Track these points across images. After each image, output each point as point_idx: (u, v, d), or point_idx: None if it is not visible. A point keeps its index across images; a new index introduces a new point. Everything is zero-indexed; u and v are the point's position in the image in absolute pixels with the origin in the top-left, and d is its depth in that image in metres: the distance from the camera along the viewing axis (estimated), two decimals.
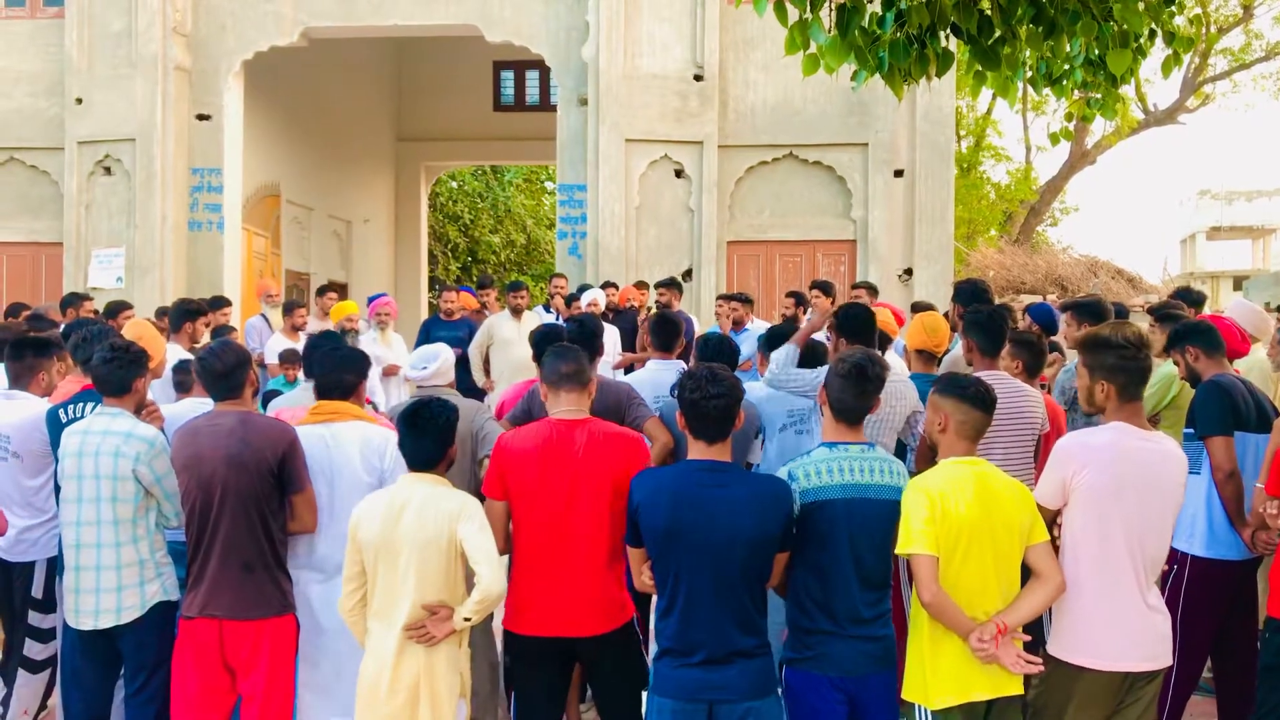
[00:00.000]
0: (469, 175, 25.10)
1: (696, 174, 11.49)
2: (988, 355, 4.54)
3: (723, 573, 3.12)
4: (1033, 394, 4.53)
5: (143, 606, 3.91)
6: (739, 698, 3.13)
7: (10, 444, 4.54)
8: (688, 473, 3.22)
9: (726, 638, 3.14)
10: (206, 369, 3.88)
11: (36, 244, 12.30)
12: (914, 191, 11.50)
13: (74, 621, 3.96)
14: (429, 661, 3.30)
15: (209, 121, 12.15)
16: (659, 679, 3.22)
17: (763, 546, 3.14)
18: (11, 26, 12.30)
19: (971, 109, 23.22)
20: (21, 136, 12.19)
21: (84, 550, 3.91)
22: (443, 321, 9.51)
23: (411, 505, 3.30)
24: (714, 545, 3.10)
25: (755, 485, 3.23)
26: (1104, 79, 4.49)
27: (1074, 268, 14.79)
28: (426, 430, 3.38)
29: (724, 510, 3.11)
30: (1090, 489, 3.17)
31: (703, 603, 3.13)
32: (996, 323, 4.56)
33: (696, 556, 3.11)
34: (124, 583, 3.89)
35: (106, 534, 3.88)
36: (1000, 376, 4.44)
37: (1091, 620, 3.17)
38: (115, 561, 3.89)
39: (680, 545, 3.11)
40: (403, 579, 3.30)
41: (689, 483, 3.17)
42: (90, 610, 3.90)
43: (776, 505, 3.15)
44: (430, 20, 12.02)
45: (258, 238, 13.79)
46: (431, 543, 3.28)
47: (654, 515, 3.16)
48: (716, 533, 3.10)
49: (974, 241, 21.32)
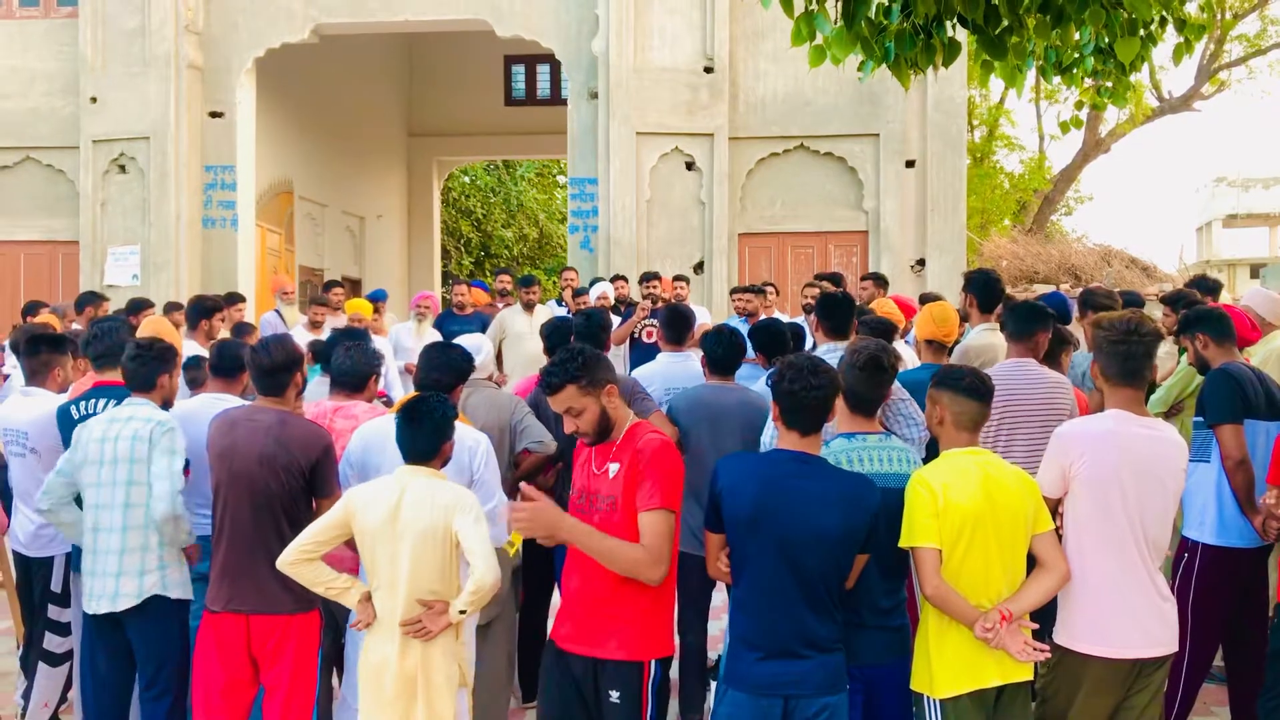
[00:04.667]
0: (481, 170, 25.15)
1: (707, 166, 11.49)
2: (1019, 341, 4.55)
3: (802, 566, 3.04)
4: (1061, 381, 4.53)
5: (138, 595, 3.94)
6: (814, 693, 3.06)
7: (28, 440, 4.61)
8: (778, 461, 3.14)
9: (803, 632, 3.06)
10: (256, 363, 3.93)
11: (53, 242, 12.41)
12: (926, 182, 11.47)
13: (85, 605, 4.03)
14: (426, 653, 3.32)
15: (222, 119, 12.22)
16: (732, 671, 3.16)
17: (845, 543, 3.07)
18: (26, 26, 12.40)
19: (984, 98, 23.11)
20: (37, 136, 12.30)
21: (99, 534, 3.98)
22: (456, 316, 9.55)
23: (408, 497, 3.32)
24: (796, 537, 3.02)
25: (843, 481, 3.13)
26: (1114, 67, 4.48)
27: (1087, 257, 14.71)
28: (422, 424, 3.39)
29: (810, 502, 3.04)
30: (1090, 477, 3.18)
31: (781, 595, 3.06)
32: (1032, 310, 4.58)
33: (778, 547, 3.03)
34: (124, 568, 3.94)
35: (117, 517, 3.94)
36: (1028, 364, 4.46)
37: (1098, 608, 3.18)
38: (120, 546, 3.95)
39: (762, 534, 3.04)
40: (399, 569, 3.31)
41: (778, 471, 3.10)
42: (94, 594, 3.98)
43: (862, 504, 3.07)
44: (441, 15, 12.06)
45: (271, 234, 13.86)
46: (426, 534, 3.28)
47: (738, 501, 3.08)
48: (800, 525, 3.02)
49: (987, 231, 21.23)
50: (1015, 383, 4.40)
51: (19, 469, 4.64)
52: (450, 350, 4.23)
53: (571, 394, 3.13)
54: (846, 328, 4.83)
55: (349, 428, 4.15)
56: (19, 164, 12.44)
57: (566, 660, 3.22)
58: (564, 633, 3.24)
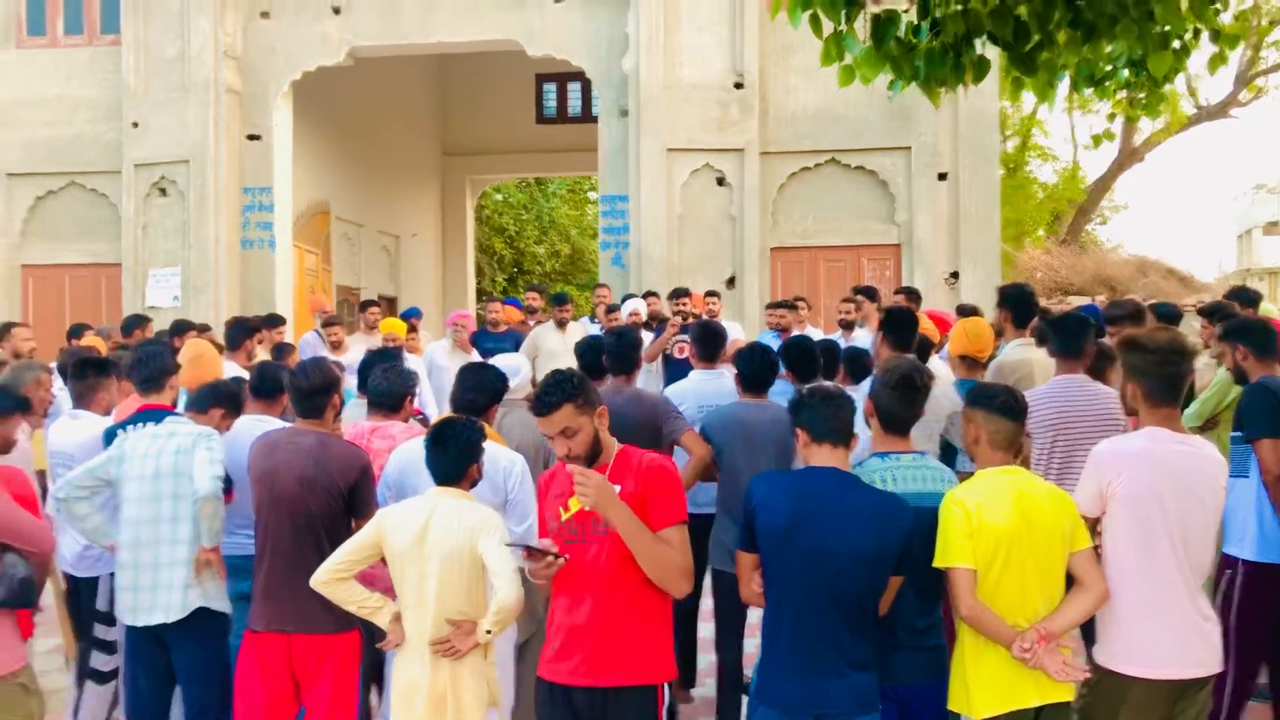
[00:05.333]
0: (513, 188, 25.33)
1: (738, 181, 11.51)
2: (1068, 358, 4.52)
3: (834, 582, 3.04)
4: (1114, 397, 4.50)
5: (184, 608, 4.01)
6: (845, 713, 3.07)
7: (74, 462, 4.69)
8: (811, 476, 3.17)
9: (834, 651, 3.07)
10: (294, 386, 4.00)
11: (97, 265, 12.64)
12: (958, 194, 11.42)
13: (125, 618, 4.10)
14: (455, 673, 3.34)
15: (259, 142, 12.41)
16: (762, 688, 3.17)
17: (878, 562, 3.06)
18: (70, 55, 12.67)
19: (1017, 109, 22.97)
20: (82, 161, 12.54)
21: (140, 549, 4.05)
22: (490, 333, 9.62)
23: (436, 518, 3.35)
24: (830, 552, 3.02)
25: (878, 499, 3.14)
26: (1147, 79, 4.46)
27: (1123, 268, 14.58)
28: (449, 447, 3.42)
29: (843, 518, 3.04)
30: (1127, 496, 3.15)
31: (812, 612, 3.07)
32: (1079, 326, 4.55)
33: (811, 562, 3.04)
34: (170, 581, 4.01)
35: (161, 531, 4.02)
36: (1082, 380, 4.44)
37: (1139, 628, 3.15)
38: (169, 559, 4.02)
39: (795, 548, 3.05)
40: (427, 590, 3.34)
41: (813, 486, 3.13)
42: (138, 607, 4.04)
43: (896, 522, 3.07)
44: (473, 36, 12.19)
45: (309, 254, 14.04)
46: (453, 555, 3.31)
47: (772, 516, 3.10)
48: (833, 539, 3.03)
49: (1021, 243, 21.09)
50: (1070, 399, 4.36)
51: None
52: (486, 371, 4.28)
53: (569, 413, 3.09)
54: (910, 342, 4.83)
55: (386, 448, 4.21)
56: (64, 189, 12.69)
57: (568, 695, 3.13)
58: (565, 668, 3.13)
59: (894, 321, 4.83)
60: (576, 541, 3.12)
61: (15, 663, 3.66)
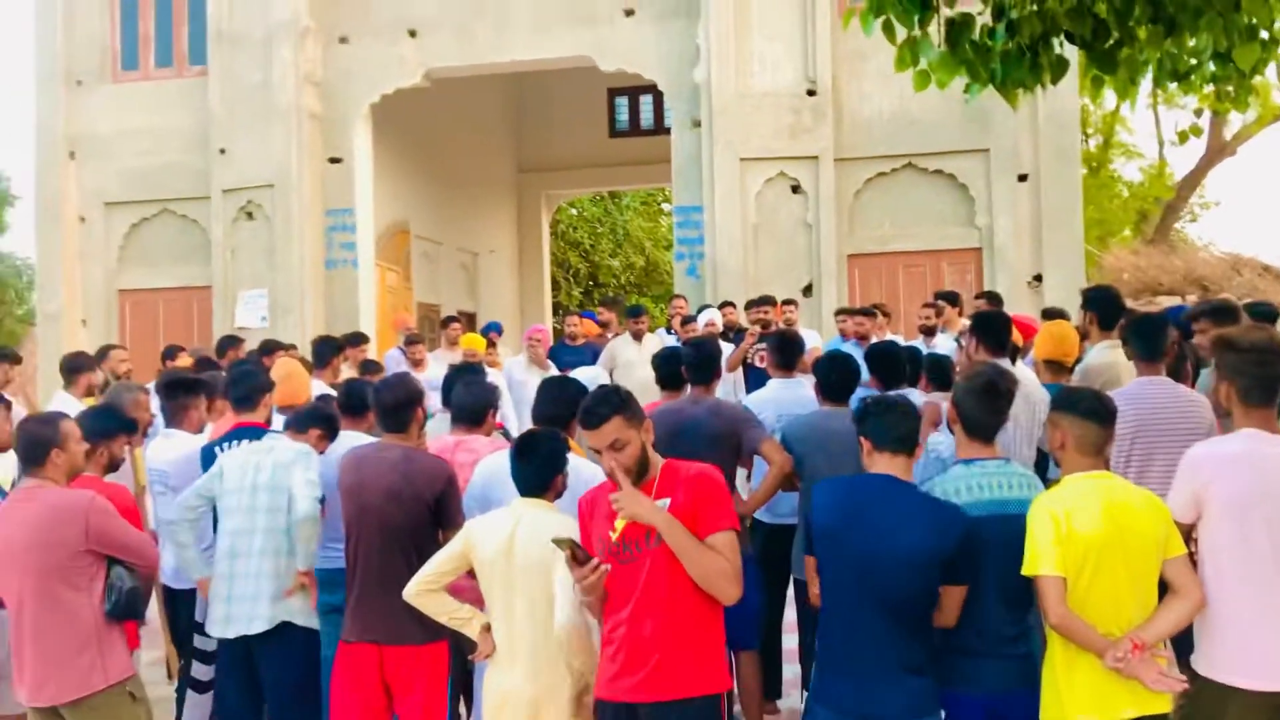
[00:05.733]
0: (588, 201, 25.52)
1: (813, 189, 11.43)
2: (1147, 361, 4.43)
3: (884, 587, 3.09)
4: (1197, 399, 4.39)
5: (271, 620, 4.12)
6: (896, 717, 3.11)
7: (169, 479, 4.88)
8: (866, 482, 3.27)
9: (886, 654, 3.10)
10: (379, 401, 4.11)
11: (189, 288, 13.05)
12: (1039, 196, 11.19)
13: (214, 629, 4.22)
14: (533, 694, 3.32)
15: (340, 164, 12.72)
16: (817, 689, 3.24)
17: (925, 567, 3.09)
18: (161, 86, 13.15)
19: (1098, 107, 22.42)
20: (173, 189, 12.98)
21: (236, 559, 4.18)
22: (568, 346, 9.72)
23: (521, 530, 3.37)
24: (878, 556, 3.08)
25: (928, 505, 3.20)
26: (1234, 72, 4.34)
27: (1215, 266, 14.09)
28: (532, 459, 3.46)
29: (894, 522, 3.10)
30: (1225, 500, 3.07)
31: (861, 615, 3.12)
32: (1157, 328, 4.46)
33: (860, 565, 3.11)
34: (260, 592, 4.13)
35: (256, 542, 4.14)
36: (1162, 382, 4.35)
37: (1239, 636, 3.06)
38: (257, 570, 4.14)
39: (845, 552, 3.14)
40: (514, 601, 3.36)
41: (865, 491, 3.23)
42: (230, 618, 4.16)
43: (943, 529, 3.10)
44: (546, 54, 12.34)
45: (390, 273, 14.33)
46: (537, 567, 3.32)
47: (824, 517, 3.25)
48: (882, 543, 3.08)
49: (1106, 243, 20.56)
50: (1148, 402, 4.27)
51: (161, 507, 4.92)
52: (566, 384, 4.33)
53: (618, 425, 3.10)
54: (1005, 344, 4.77)
55: (470, 461, 4.28)
56: (156, 216, 13.14)
57: (633, 713, 3.09)
58: (627, 685, 3.08)
59: (987, 324, 4.76)
60: (630, 560, 3.10)
61: (124, 671, 3.81)
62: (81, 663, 3.68)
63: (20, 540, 3.68)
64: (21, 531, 3.68)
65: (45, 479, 3.77)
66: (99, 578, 3.76)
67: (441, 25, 12.43)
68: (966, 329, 5.12)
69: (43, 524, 3.67)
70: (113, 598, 3.75)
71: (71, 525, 3.67)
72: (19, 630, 3.74)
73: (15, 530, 3.70)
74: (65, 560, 3.67)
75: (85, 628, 3.70)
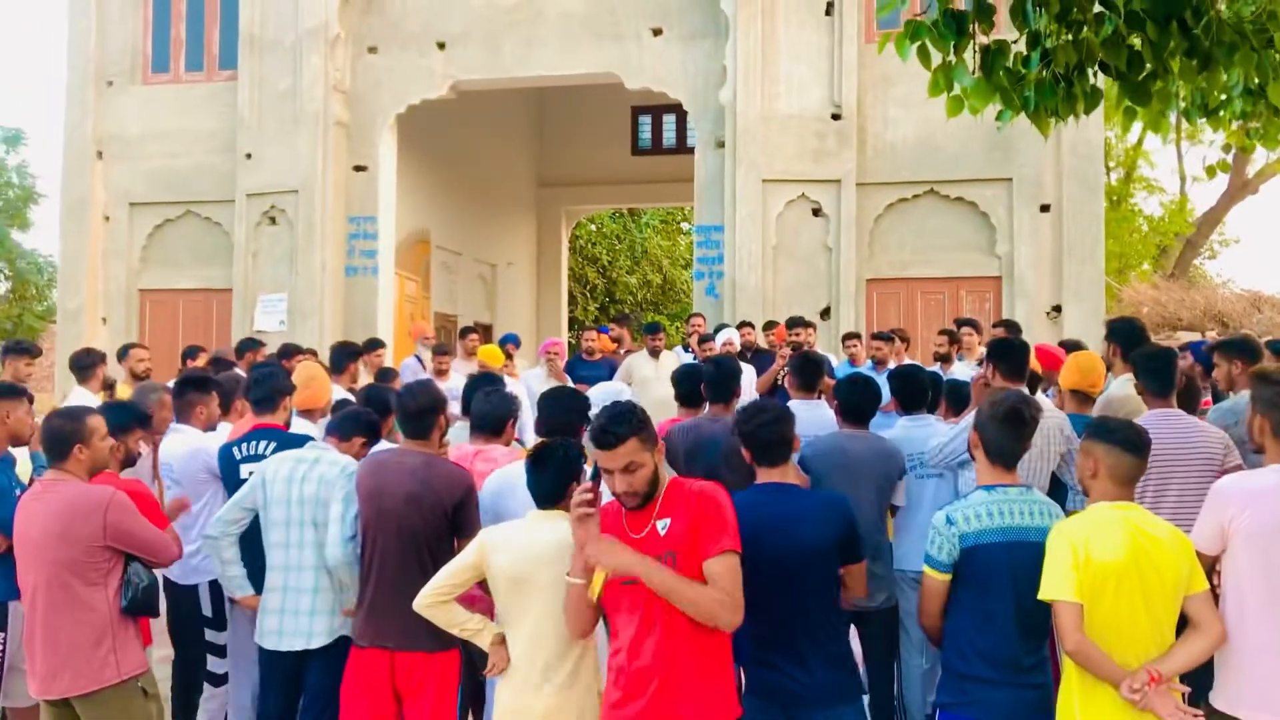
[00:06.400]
0: (607, 218, 25.62)
1: (834, 212, 11.46)
2: (1158, 396, 4.43)
3: (795, 579, 3.35)
4: (1211, 431, 4.38)
5: (330, 634, 4.10)
6: (820, 704, 3.33)
7: (174, 472, 4.91)
8: (753, 493, 3.53)
9: (802, 644, 3.34)
10: (402, 407, 4.10)
11: (209, 290, 13.14)
12: (1061, 226, 11.18)
13: (265, 641, 4.18)
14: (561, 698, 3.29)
15: (365, 172, 12.80)
16: (747, 677, 3.43)
17: (826, 554, 3.42)
18: (191, 90, 13.27)
19: (1120, 139, 22.42)
20: (198, 191, 13.09)
21: (289, 572, 4.15)
22: (585, 361, 9.73)
23: (538, 540, 3.35)
24: (780, 555, 3.33)
25: (813, 501, 3.62)
26: (1265, 108, 4.34)
27: (1235, 303, 14.04)
28: (548, 468, 3.42)
29: (789, 522, 3.40)
30: (1252, 533, 3.05)
31: (775, 611, 3.33)
32: (1165, 363, 4.46)
33: (767, 567, 3.30)
34: (317, 608, 4.10)
35: (309, 556, 4.12)
36: (1175, 415, 4.35)
37: (1262, 672, 3.04)
38: (314, 585, 4.11)
39: (757, 555, 3.27)
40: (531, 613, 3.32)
41: (754, 502, 3.43)
42: (280, 630, 4.13)
43: (832, 516, 3.47)
44: (573, 70, 12.41)
45: (409, 282, 14.40)
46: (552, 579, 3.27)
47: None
48: (783, 543, 3.34)
49: (1125, 276, 20.51)
50: (1162, 435, 4.26)
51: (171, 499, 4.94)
52: (565, 395, 4.35)
53: (634, 447, 2.97)
54: (1023, 372, 4.75)
55: (489, 470, 4.28)
56: (181, 217, 13.24)
57: None
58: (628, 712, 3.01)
59: (1006, 351, 4.74)
60: (631, 582, 2.98)
61: (138, 667, 3.82)
62: (96, 656, 3.70)
63: (39, 532, 3.70)
64: (41, 524, 3.70)
65: (68, 473, 3.80)
66: (115, 573, 3.77)
67: (470, 39, 12.53)
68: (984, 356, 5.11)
69: (62, 517, 3.68)
70: (129, 594, 3.77)
71: (90, 521, 3.69)
72: (32, 622, 3.75)
73: (35, 523, 3.72)
74: (82, 555, 3.69)
75: (100, 622, 3.72)
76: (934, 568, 3.33)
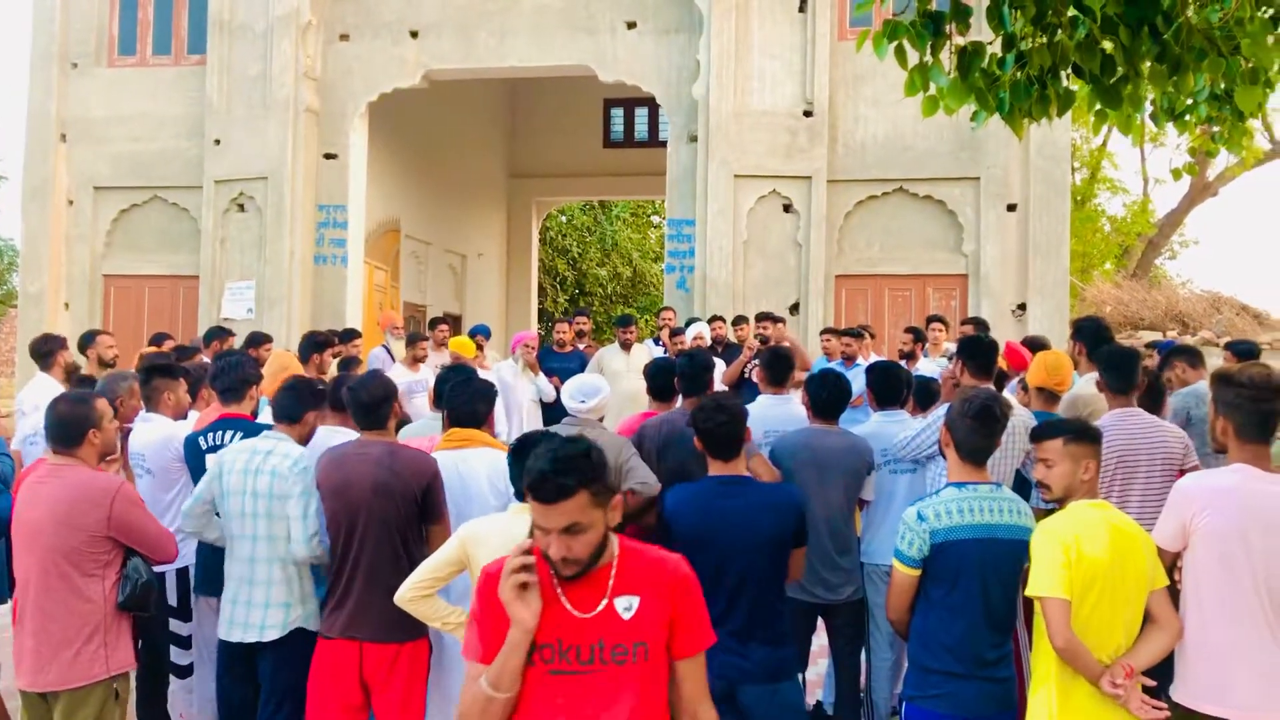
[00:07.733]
0: (577, 210, 25.57)
1: (805, 208, 11.53)
2: (1119, 394, 4.51)
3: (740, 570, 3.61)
4: (1170, 429, 4.46)
5: (284, 628, 4.05)
6: (759, 679, 3.64)
7: (145, 461, 4.85)
8: (709, 486, 3.79)
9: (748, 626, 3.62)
10: (355, 399, 4.08)
11: (175, 276, 12.98)
12: (1027, 226, 11.31)
13: (222, 632, 4.15)
14: None
15: (335, 160, 12.69)
16: None
17: (779, 544, 3.71)
18: (158, 73, 13.09)
19: (1086, 140, 22.68)
20: (165, 176, 12.92)
21: (243, 564, 4.11)
22: (555, 353, 9.73)
23: (521, 534, 3.36)
24: (734, 545, 3.61)
25: (766, 493, 3.83)
26: (1229, 113, 4.42)
27: (1195, 304, 14.28)
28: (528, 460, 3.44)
29: (742, 515, 3.66)
30: (1212, 532, 3.12)
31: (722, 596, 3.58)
32: (1128, 361, 4.54)
33: (720, 555, 3.57)
34: (271, 600, 4.05)
35: (262, 548, 4.07)
36: (1135, 413, 4.43)
37: (1220, 667, 3.10)
38: (267, 577, 4.07)
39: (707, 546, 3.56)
40: None
41: (710, 494, 3.74)
42: (238, 622, 4.08)
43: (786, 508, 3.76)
44: (546, 62, 12.37)
45: (378, 271, 14.31)
46: None
47: (682, 522, 3.70)
48: (736, 533, 3.62)
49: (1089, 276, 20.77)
50: (1125, 432, 4.34)
51: (142, 489, 4.88)
52: (471, 383, 4.38)
53: (582, 503, 2.23)
54: (991, 369, 4.82)
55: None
56: (147, 202, 13.07)
57: None
58: None
59: (975, 349, 4.80)
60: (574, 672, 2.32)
61: (125, 665, 3.76)
62: (86, 650, 3.64)
63: (41, 516, 3.63)
64: (45, 508, 3.63)
65: (77, 459, 3.73)
66: (114, 565, 3.71)
67: (443, 28, 12.45)
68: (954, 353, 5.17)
69: (67, 503, 3.62)
70: (127, 589, 3.71)
71: (97, 508, 3.64)
72: (24, 609, 3.68)
73: (38, 506, 3.65)
74: (83, 543, 3.63)
75: (94, 614, 3.66)
76: (903, 563, 3.38)
